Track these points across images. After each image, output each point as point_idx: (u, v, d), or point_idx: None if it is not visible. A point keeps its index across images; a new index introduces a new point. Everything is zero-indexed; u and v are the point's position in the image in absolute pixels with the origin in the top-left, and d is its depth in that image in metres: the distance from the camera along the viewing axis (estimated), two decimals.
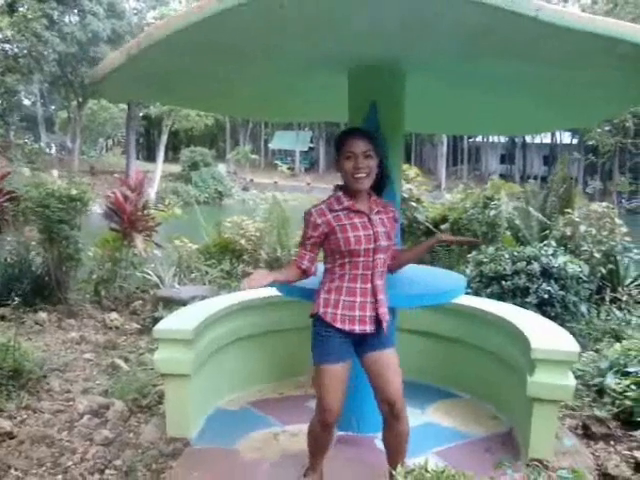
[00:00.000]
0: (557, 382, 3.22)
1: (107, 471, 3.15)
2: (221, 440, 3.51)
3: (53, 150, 43.05)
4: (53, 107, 48.36)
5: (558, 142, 47.60)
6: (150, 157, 48.55)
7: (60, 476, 3.06)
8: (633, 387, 3.93)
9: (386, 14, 2.15)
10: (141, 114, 43.03)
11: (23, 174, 19.52)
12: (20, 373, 4.03)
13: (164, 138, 38.57)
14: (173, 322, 3.64)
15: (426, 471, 2.03)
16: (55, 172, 25.27)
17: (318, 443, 2.88)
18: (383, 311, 2.66)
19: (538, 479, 2.70)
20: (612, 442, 3.63)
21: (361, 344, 2.71)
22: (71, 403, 4.01)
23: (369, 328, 2.63)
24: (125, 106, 37.79)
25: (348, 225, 2.58)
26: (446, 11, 2.07)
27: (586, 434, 3.74)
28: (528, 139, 48.11)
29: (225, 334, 3.98)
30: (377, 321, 2.65)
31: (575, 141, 43.53)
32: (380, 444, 3.26)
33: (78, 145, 37.54)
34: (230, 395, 4.13)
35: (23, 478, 3.02)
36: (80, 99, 35.60)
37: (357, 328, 2.62)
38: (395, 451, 2.82)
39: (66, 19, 32.23)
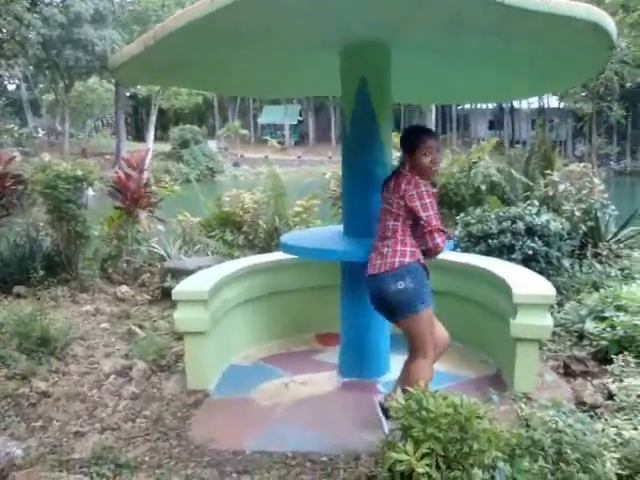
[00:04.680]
0: (537, 322, 3.60)
1: (138, 420, 3.51)
2: (237, 391, 3.88)
3: (41, 134, 42.84)
4: (37, 90, 47.88)
5: (546, 107, 47.66)
6: (139, 137, 48.27)
7: (97, 425, 3.43)
8: (608, 329, 4.29)
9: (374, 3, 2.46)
10: (128, 94, 42.77)
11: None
12: (47, 341, 4.35)
13: (153, 117, 38.41)
14: (190, 285, 3.98)
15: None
16: (46, 155, 25.21)
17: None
18: None
19: (521, 405, 3.09)
20: (589, 378, 3.99)
21: None
22: (96, 366, 4.36)
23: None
24: (112, 86, 37.51)
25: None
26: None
27: (566, 372, 4.10)
28: (516, 104, 48.02)
29: (235, 295, 4.32)
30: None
31: (563, 105, 43.49)
32: (381, 388, 3.65)
33: (67, 127, 37.35)
34: (242, 352, 4.50)
35: (65, 427, 3.38)
36: (67, 81, 35.33)
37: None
38: (405, 374, 3.12)
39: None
